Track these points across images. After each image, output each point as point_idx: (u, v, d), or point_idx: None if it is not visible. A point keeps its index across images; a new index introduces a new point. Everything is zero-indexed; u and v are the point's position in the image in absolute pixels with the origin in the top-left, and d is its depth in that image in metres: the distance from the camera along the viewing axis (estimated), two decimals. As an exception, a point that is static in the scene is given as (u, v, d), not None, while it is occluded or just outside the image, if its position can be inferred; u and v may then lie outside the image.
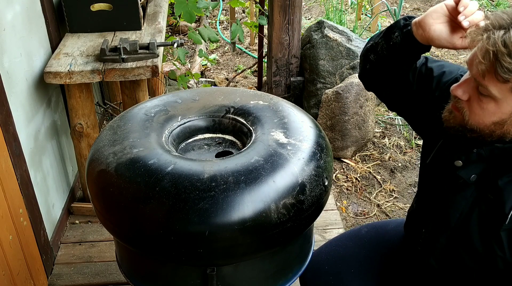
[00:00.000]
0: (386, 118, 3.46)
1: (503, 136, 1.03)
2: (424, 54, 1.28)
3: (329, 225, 2.45)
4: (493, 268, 1.10)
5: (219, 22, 4.96)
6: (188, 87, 3.36)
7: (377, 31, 4.79)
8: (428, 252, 1.24)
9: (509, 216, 1.03)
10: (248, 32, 4.63)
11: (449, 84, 1.16)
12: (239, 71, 3.99)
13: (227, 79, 3.98)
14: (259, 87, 3.62)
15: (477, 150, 1.07)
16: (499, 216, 1.05)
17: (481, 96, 1.01)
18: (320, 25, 3.21)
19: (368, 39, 1.30)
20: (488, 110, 1.01)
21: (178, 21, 4.15)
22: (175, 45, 2.20)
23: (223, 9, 5.22)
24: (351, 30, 3.89)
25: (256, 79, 3.80)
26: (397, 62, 1.22)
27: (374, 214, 2.64)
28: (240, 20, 4.24)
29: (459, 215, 1.13)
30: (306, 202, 1.16)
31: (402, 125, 3.35)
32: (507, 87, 0.96)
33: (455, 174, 1.12)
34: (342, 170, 2.96)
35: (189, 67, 3.88)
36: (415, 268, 1.31)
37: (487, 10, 5.08)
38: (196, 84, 3.68)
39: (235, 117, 1.39)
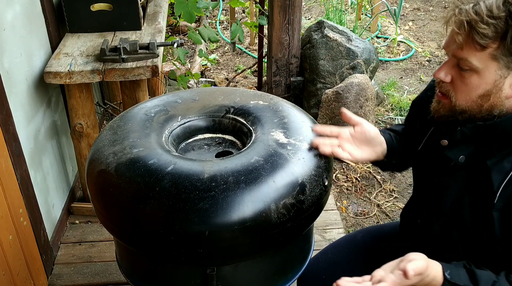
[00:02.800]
0: (386, 118, 3.46)
1: (491, 110, 1.06)
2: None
3: (329, 225, 2.45)
4: (487, 252, 1.11)
5: (219, 22, 4.96)
6: (188, 87, 3.36)
7: (377, 32, 4.77)
8: (422, 244, 1.24)
9: (498, 194, 1.04)
10: (248, 32, 4.63)
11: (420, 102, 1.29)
12: (239, 71, 3.99)
13: (227, 79, 3.98)
14: (259, 87, 3.62)
15: (460, 128, 1.10)
16: (488, 196, 1.06)
17: (462, 72, 1.05)
18: (320, 25, 3.21)
19: None
20: (472, 84, 1.04)
21: (178, 21, 4.15)
22: (175, 45, 2.20)
23: (223, 9, 5.23)
24: (351, 30, 3.89)
25: (256, 79, 3.80)
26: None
27: (374, 214, 2.64)
28: (240, 20, 4.24)
29: (452, 200, 1.14)
30: (306, 202, 1.16)
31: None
32: (486, 54, 1.00)
33: (444, 155, 1.13)
34: (342, 170, 2.96)
35: (189, 67, 3.88)
36: None
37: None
38: (196, 84, 3.68)
39: (235, 117, 1.39)
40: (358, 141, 1.29)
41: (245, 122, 1.37)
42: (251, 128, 1.35)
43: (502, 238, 1.06)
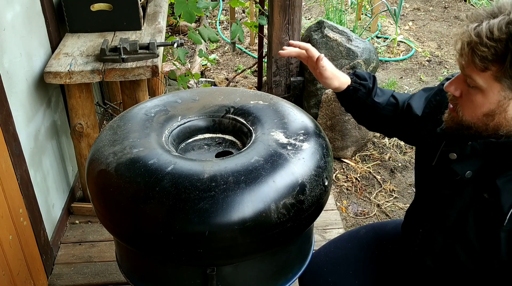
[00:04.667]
0: (386, 118, 3.46)
1: (497, 129, 1.04)
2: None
3: (329, 225, 2.45)
4: (490, 267, 1.10)
5: (219, 22, 4.96)
6: (188, 87, 3.36)
7: (377, 32, 4.77)
8: (425, 252, 1.24)
9: (508, 216, 1.03)
10: (248, 32, 4.63)
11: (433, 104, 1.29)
12: (239, 71, 3.99)
13: (227, 79, 3.98)
14: (259, 87, 3.62)
15: (471, 143, 1.08)
16: (497, 216, 1.04)
17: (470, 89, 1.04)
18: (320, 25, 3.21)
19: None
20: (476, 101, 1.04)
21: (178, 21, 4.15)
22: (175, 45, 2.20)
23: (223, 9, 5.23)
24: (351, 30, 3.89)
25: (256, 79, 3.80)
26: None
27: (374, 214, 2.64)
28: (240, 20, 4.24)
29: (456, 214, 1.13)
30: (306, 202, 1.16)
31: (402, 125, 3.35)
32: (489, 75, 0.99)
33: (451, 169, 1.12)
34: (342, 170, 2.96)
35: (189, 67, 3.88)
36: (412, 268, 1.31)
37: (482, 8, 5.09)
38: (196, 84, 3.68)
39: (235, 117, 1.39)
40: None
41: (245, 122, 1.37)
42: (251, 128, 1.35)
43: (508, 259, 1.05)
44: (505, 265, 1.07)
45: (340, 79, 1.39)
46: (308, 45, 1.37)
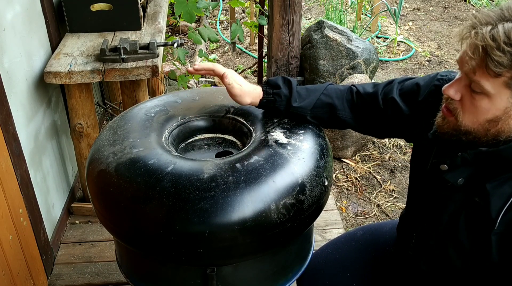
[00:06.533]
0: (386, 118, 3.46)
1: (498, 135, 1.01)
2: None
3: (329, 225, 2.45)
4: (482, 270, 1.10)
5: (219, 22, 4.96)
6: (188, 87, 3.36)
7: (377, 32, 4.77)
8: (419, 255, 1.24)
9: (498, 221, 1.02)
10: (248, 32, 4.63)
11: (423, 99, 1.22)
12: (239, 71, 3.99)
13: (227, 79, 3.97)
14: (259, 87, 3.61)
15: (461, 154, 1.06)
16: (488, 220, 1.03)
17: (473, 94, 1.00)
18: (320, 25, 3.21)
19: None
20: (481, 107, 0.99)
21: (178, 21, 4.15)
22: (175, 45, 2.20)
23: (223, 9, 5.23)
24: (351, 30, 3.89)
25: (256, 79, 3.80)
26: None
27: (374, 214, 2.64)
28: (240, 20, 4.24)
29: (448, 218, 1.12)
30: (306, 202, 1.16)
31: (402, 125, 3.35)
32: (500, 82, 0.94)
33: (443, 177, 1.10)
34: (342, 170, 2.96)
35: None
36: (408, 271, 1.31)
37: (487, 10, 5.09)
38: (196, 84, 3.68)
39: (235, 117, 1.39)
40: None
41: (245, 122, 1.37)
42: (251, 128, 1.35)
43: (500, 261, 1.05)
44: (497, 267, 1.06)
45: (252, 93, 1.32)
46: (212, 65, 1.33)
